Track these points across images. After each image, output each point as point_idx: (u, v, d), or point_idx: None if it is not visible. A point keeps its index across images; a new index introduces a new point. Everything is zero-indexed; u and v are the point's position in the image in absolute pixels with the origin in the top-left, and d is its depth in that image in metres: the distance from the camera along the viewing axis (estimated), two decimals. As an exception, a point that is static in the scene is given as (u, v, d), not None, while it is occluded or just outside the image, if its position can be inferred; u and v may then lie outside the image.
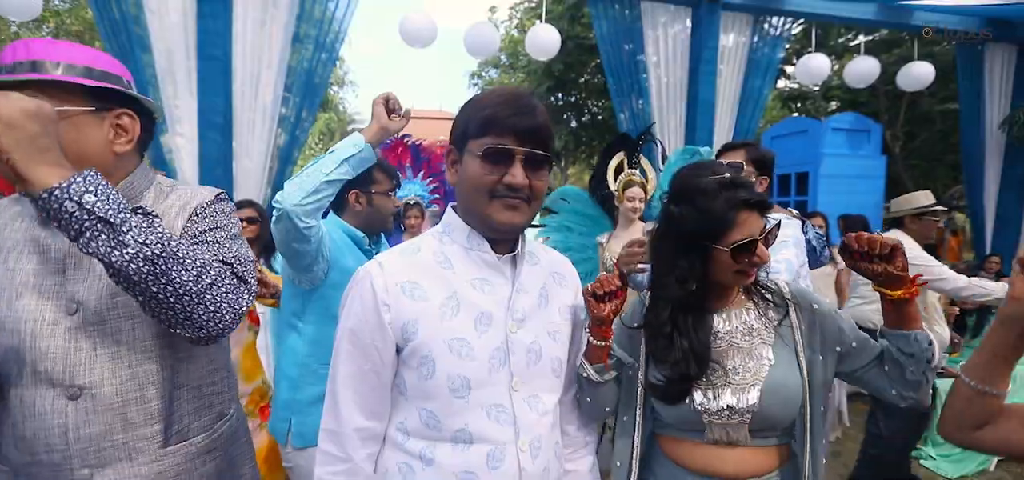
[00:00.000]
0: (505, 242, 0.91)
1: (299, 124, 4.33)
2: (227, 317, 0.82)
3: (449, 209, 0.93)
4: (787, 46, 9.66)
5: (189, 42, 3.81)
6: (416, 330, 0.83)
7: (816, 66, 5.02)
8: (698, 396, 0.98)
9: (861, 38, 8.43)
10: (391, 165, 1.85)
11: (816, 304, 1.04)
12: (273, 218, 1.37)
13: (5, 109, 0.68)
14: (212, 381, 0.99)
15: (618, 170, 3.70)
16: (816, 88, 11.20)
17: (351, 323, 0.85)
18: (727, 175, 0.96)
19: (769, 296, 1.04)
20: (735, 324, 1.02)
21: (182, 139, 3.88)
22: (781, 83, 11.39)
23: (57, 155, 0.73)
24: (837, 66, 8.77)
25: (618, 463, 1.08)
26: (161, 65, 3.80)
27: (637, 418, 1.06)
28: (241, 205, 2.63)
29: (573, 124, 11.72)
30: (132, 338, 0.86)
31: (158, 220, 0.78)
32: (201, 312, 0.79)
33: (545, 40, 4.53)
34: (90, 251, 0.72)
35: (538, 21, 5.55)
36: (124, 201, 0.75)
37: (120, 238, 0.72)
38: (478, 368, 0.84)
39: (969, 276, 3.72)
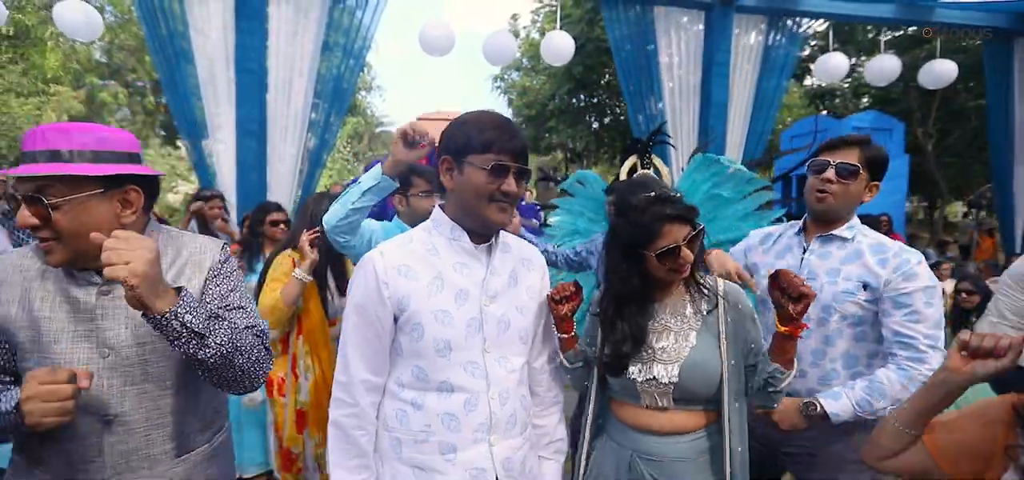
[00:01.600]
0: (481, 235, 1.10)
1: (328, 128, 4.57)
2: (259, 381, 1.07)
3: (437, 208, 1.13)
4: (812, 44, 9.54)
5: (228, 56, 4.12)
6: (408, 303, 1.02)
7: (834, 65, 5.01)
8: (632, 369, 1.17)
9: (888, 34, 8.24)
10: (430, 169, 2.08)
11: (741, 304, 1.22)
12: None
13: (140, 266, 0.83)
14: (214, 403, 1.15)
15: (631, 172, 3.84)
16: (846, 86, 10.97)
17: (358, 298, 1.05)
18: (655, 193, 1.15)
19: (706, 290, 1.22)
20: (671, 312, 1.21)
21: (222, 146, 4.19)
22: (808, 81, 11.20)
23: (164, 284, 0.89)
24: (866, 62, 8.59)
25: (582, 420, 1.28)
26: (203, 77, 4.13)
27: (594, 385, 1.27)
28: (270, 208, 2.92)
29: (595, 125, 11.79)
30: (157, 375, 1.02)
31: (226, 322, 0.97)
32: (247, 383, 1.04)
33: (560, 46, 4.67)
34: (179, 351, 0.92)
35: (560, 21, 5.71)
36: (208, 308, 0.95)
37: (205, 342, 0.93)
38: (457, 333, 1.04)
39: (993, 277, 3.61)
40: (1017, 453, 0.80)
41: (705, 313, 1.19)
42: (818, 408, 1.33)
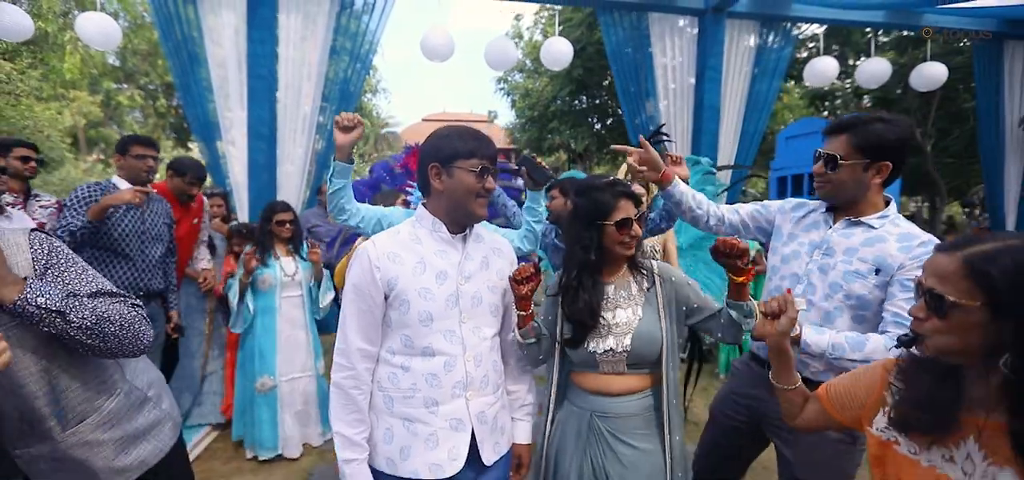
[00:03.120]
0: (458, 226, 1.29)
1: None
2: (142, 346, 1.16)
3: (420, 205, 1.32)
4: (810, 46, 9.62)
5: (240, 61, 4.33)
6: (396, 283, 1.21)
7: (823, 69, 5.15)
8: (591, 342, 1.36)
9: (881, 37, 8.32)
10: None
11: (673, 277, 1.42)
12: None
13: None
14: (95, 373, 1.20)
15: (628, 171, 4.08)
16: (847, 86, 11.03)
17: (355, 280, 1.23)
18: (610, 178, 1.37)
19: (644, 271, 1.43)
20: (620, 291, 1.40)
21: (234, 148, 4.41)
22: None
23: (11, 276, 0.95)
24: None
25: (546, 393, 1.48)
26: (217, 82, 4.34)
27: (556, 361, 1.46)
28: (277, 207, 3.14)
29: (597, 126, 11.93)
30: (7, 378, 1.05)
31: (86, 298, 1.03)
32: (128, 349, 1.14)
33: (558, 52, 4.84)
34: (47, 330, 1.00)
35: (557, 28, 5.87)
36: (62, 288, 1.01)
37: (68, 318, 1.01)
38: (437, 307, 1.23)
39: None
40: (889, 394, 0.97)
41: (646, 290, 1.39)
42: (797, 330, 1.38)
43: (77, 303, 1.05)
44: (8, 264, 1.05)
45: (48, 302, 1.00)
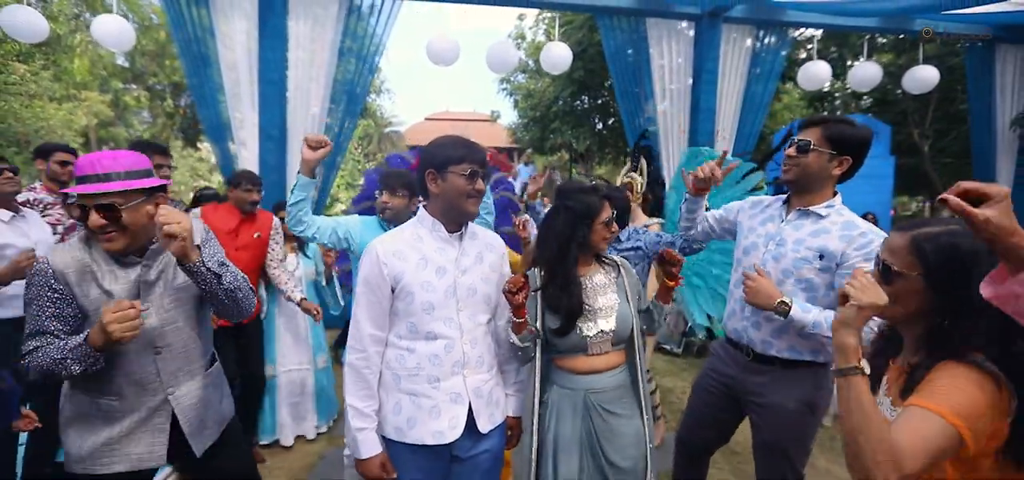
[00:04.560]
0: (455, 226, 1.45)
1: (342, 132, 4.93)
2: (250, 311, 1.54)
3: (421, 208, 1.48)
4: (808, 47, 9.72)
5: (252, 66, 4.49)
6: (402, 277, 1.38)
7: (815, 73, 5.28)
8: (582, 328, 1.52)
9: (879, 39, 8.41)
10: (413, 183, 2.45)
11: (631, 271, 1.67)
12: None
13: (187, 225, 1.27)
14: (207, 334, 1.60)
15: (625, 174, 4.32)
16: (848, 88, 11.12)
17: (364, 275, 1.40)
18: (595, 183, 1.59)
19: (608, 263, 1.64)
20: (595, 280, 1.58)
21: (245, 150, 4.58)
22: (809, 83, 11.35)
23: (194, 244, 1.30)
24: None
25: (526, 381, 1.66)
26: (229, 86, 4.51)
27: (538, 353, 1.60)
28: (281, 205, 3.29)
29: (599, 126, 12.04)
30: (184, 317, 1.47)
31: (229, 269, 1.44)
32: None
33: (557, 56, 4.99)
34: (204, 287, 1.37)
35: (558, 30, 6.02)
36: (217, 259, 1.41)
37: (221, 281, 1.39)
38: (438, 297, 1.39)
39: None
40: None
41: (615, 278, 1.60)
42: (788, 305, 1.54)
43: (227, 270, 1.44)
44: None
45: (213, 267, 1.39)
